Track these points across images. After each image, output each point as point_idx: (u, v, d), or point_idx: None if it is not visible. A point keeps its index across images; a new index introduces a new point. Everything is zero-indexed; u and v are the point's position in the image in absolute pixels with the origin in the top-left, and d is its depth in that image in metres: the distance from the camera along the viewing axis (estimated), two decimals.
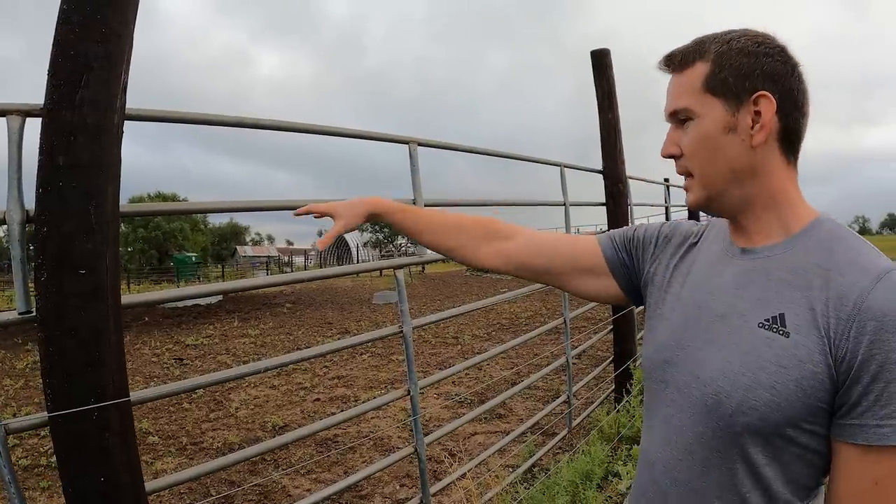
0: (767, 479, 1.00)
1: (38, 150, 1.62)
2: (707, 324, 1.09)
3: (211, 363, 10.94)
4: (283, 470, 5.44)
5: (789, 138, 1.06)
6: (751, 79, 1.02)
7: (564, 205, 5.00)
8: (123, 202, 1.82)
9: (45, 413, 1.70)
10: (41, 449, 6.24)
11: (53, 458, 5.91)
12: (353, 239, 66.17)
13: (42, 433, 6.57)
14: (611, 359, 5.92)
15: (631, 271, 1.35)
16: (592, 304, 5.55)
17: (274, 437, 6.37)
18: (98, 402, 1.68)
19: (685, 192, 1.15)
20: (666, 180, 9.56)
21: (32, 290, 1.70)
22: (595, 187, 5.62)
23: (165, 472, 5.51)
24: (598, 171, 5.54)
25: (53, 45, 1.61)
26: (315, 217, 1.55)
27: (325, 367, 9.77)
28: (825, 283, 0.96)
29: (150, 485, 1.97)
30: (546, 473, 4.41)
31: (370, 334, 2.93)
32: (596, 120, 5.48)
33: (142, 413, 7.34)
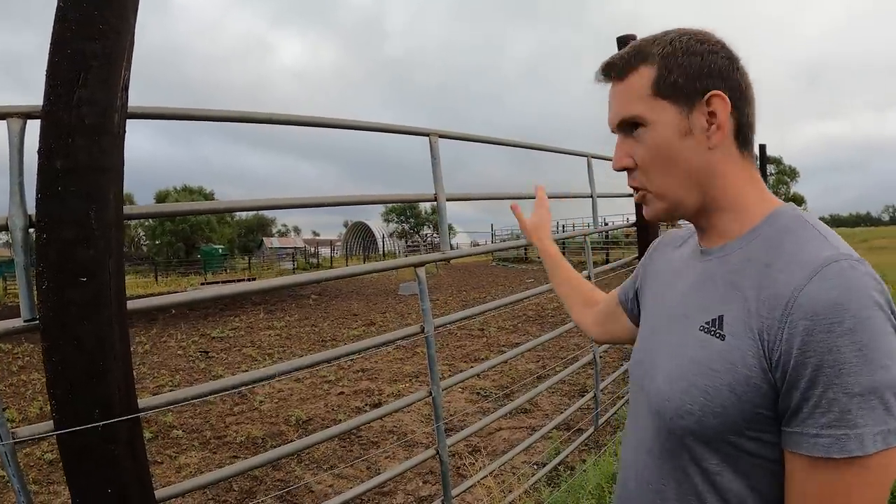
0: (727, 490, 0.94)
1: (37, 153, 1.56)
2: (666, 326, 1.09)
3: (236, 356, 10.98)
4: (306, 464, 5.42)
5: (743, 133, 1.03)
6: (700, 78, 1.00)
7: (591, 196, 4.89)
8: (149, 197, 1.76)
9: (51, 423, 1.66)
10: None
11: None
12: (378, 229, 66.45)
13: None
14: None
15: (637, 302, 1.38)
16: None
17: (297, 431, 6.40)
18: (103, 413, 1.62)
19: (642, 206, 1.13)
20: None
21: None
22: (623, 177, 5.49)
23: (189, 467, 5.53)
24: None
25: (51, 43, 1.54)
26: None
27: (350, 360, 9.75)
28: (763, 281, 0.91)
29: (160, 492, 1.92)
30: (571, 472, 4.32)
31: (391, 335, 2.85)
32: None
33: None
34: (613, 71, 1.07)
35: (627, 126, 1.07)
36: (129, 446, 1.70)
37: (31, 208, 1.64)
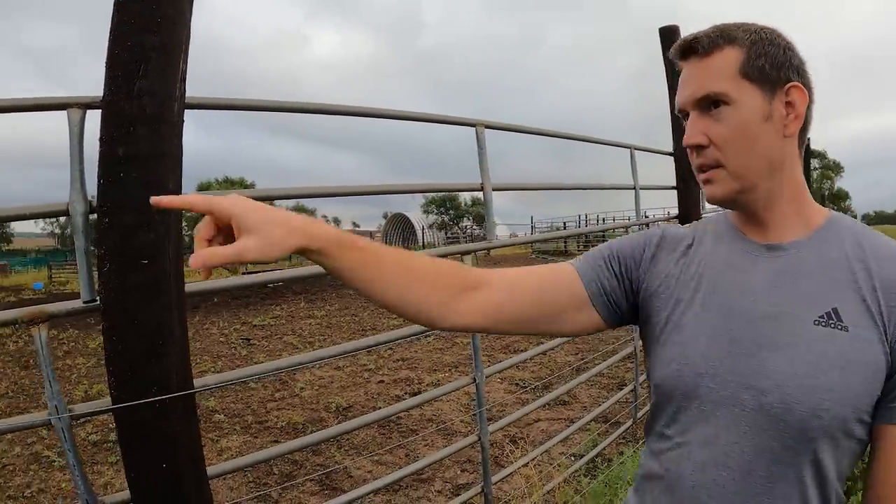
0: (828, 479, 0.98)
1: (98, 142, 1.63)
2: (752, 328, 1.02)
3: (277, 343, 11.15)
4: (345, 450, 5.51)
5: (806, 131, 1.07)
6: (784, 69, 1.02)
7: (634, 188, 4.91)
8: (191, 188, 1.82)
9: (108, 400, 1.73)
10: (111, 425, 6.45)
11: None
12: (418, 220, 66.58)
13: None
14: None
15: (618, 294, 1.20)
16: None
17: (338, 417, 6.49)
18: (160, 392, 1.69)
19: (705, 185, 1.09)
20: None
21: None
22: (662, 169, 5.44)
23: (230, 450, 5.66)
24: (669, 154, 5.32)
25: (110, 36, 1.61)
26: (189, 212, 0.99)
27: (390, 349, 9.84)
28: (867, 274, 0.99)
29: (211, 469, 1.99)
30: (608, 464, 4.33)
31: None
32: (665, 98, 5.28)
33: (209, 391, 7.54)
34: (700, 46, 1.06)
35: (706, 103, 1.06)
36: (186, 423, 1.77)
37: (90, 194, 1.72)
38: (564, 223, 37.23)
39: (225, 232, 0.95)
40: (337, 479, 4.89)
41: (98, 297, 1.71)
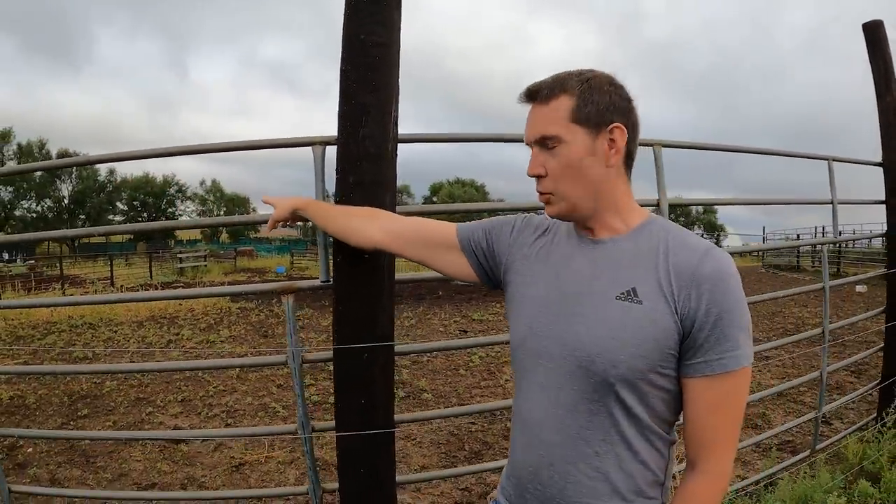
0: (638, 416, 1.27)
1: (334, 171, 2.26)
2: (571, 302, 1.33)
3: (492, 337, 11.62)
4: None
5: (630, 158, 1.37)
6: (608, 112, 1.29)
7: (832, 203, 4.48)
8: (424, 189, 2.40)
9: (331, 350, 2.35)
10: (331, 390, 7.42)
11: None
12: None
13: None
14: (878, 381, 5.10)
15: (486, 256, 1.60)
16: (857, 316, 5.15)
17: None
18: (370, 349, 2.29)
19: (546, 205, 1.40)
20: None
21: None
22: (865, 178, 5.02)
23: (430, 423, 6.27)
24: (877, 164, 4.82)
25: (340, 95, 2.22)
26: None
27: None
28: (665, 261, 1.27)
29: (397, 417, 2.55)
30: (769, 490, 4.20)
31: None
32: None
33: (422, 374, 8.49)
34: (539, 96, 1.33)
35: (544, 142, 1.33)
36: (383, 371, 2.35)
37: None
38: (798, 234, 33.55)
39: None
40: None
41: (331, 279, 2.34)
